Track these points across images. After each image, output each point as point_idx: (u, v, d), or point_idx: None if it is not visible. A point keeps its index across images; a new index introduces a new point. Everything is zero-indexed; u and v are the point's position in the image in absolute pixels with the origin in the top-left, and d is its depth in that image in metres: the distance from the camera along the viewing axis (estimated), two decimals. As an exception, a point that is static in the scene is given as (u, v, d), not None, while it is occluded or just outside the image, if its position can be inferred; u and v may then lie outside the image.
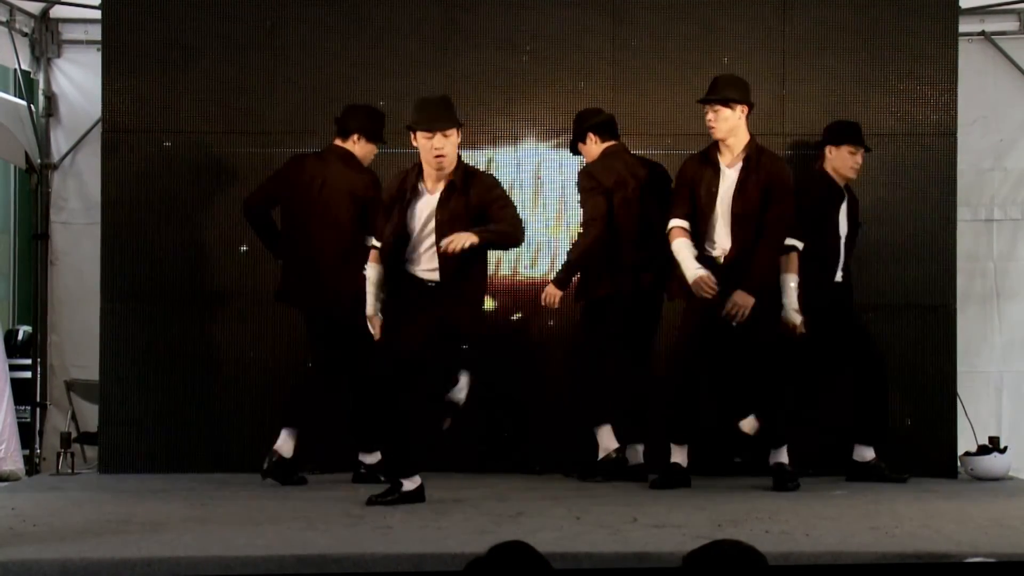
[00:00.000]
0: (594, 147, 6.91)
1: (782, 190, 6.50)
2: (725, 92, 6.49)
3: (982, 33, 7.85)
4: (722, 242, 6.51)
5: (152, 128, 7.30)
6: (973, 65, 7.52)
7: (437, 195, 5.99)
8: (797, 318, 6.59)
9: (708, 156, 6.58)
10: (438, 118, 5.95)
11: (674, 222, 6.57)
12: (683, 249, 6.52)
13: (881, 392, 6.99)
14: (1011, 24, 7.91)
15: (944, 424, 7.22)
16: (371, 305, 6.16)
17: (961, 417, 7.33)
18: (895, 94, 7.34)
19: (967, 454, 7.31)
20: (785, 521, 5.45)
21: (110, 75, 7.33)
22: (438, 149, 5.93)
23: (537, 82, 7.35)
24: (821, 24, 7.35)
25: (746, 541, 3.22)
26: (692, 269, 6.46)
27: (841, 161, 6.88)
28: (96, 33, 7.62)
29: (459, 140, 6.02)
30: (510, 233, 6.02)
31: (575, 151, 7.04)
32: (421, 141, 5.95)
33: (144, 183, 7.27)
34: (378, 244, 6.18)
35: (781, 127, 7.32)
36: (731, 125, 6.49)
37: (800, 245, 6.62)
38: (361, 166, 6.78)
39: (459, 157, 6.06)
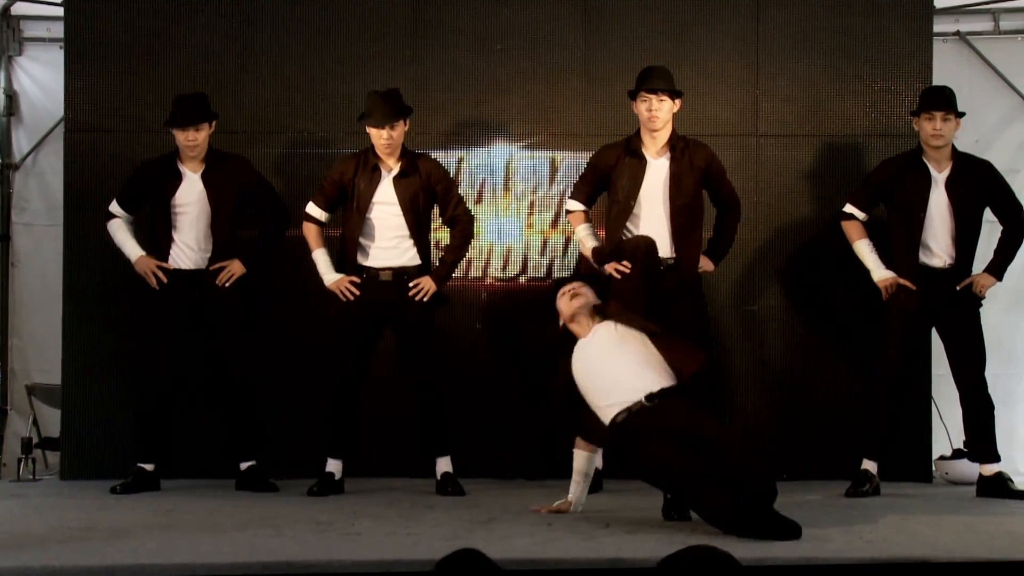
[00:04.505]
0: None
1: (721, 170, 6.63)
2: (671, 83, 6.51)
3: (957, 33, 7.83)
4: (653, 232, 6.39)
5: (115, 127, 7.22)
6: (948, 65, 7.51)
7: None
8: (887, 275, 6.64)
9: (631, 146, 6.55)
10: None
11: (577, 205, 6.68)
12: (588, 234, 6.63)
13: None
14: (986, 24, 7.89)
15: (919, 428, 7.19)
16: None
17: (936, 421, 7.31)
18: (869, 94, 7.32)
19: (942, 458, 7.29)
20: (760, 526, 5.40)
21: (72, 73, 7.24)
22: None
23: (508, 78, 7.30)
24: (795, 22, 7.33)
25: (720, 547, 3.21)
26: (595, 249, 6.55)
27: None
28: (58, 30, 7.51)
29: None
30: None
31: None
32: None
33: (107, 183, 7.13)
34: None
35: (755, 127, 7.30)
36: (668, 116, 6.51)
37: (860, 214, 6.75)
38: None
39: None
